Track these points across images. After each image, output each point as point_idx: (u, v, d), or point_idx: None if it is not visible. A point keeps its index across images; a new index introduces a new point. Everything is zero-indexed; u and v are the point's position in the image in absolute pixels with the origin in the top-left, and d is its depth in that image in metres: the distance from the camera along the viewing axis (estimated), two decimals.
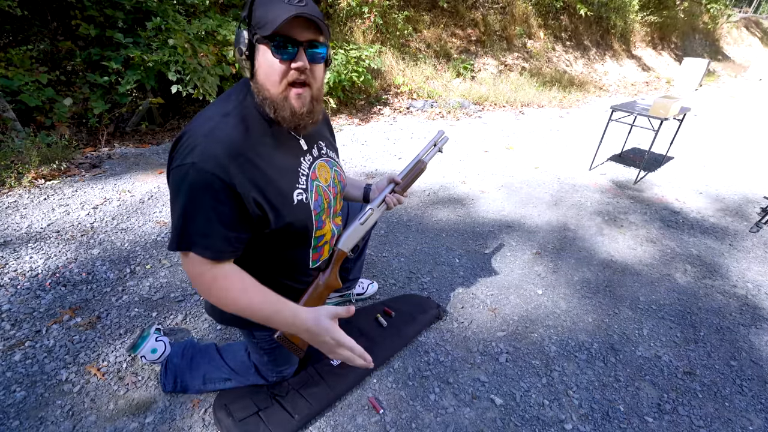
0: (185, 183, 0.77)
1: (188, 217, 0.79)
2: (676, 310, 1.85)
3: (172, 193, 0.81)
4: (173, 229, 0.81)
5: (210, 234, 0.79)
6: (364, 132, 4.01)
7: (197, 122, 0.81)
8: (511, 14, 7.07)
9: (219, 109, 0.83)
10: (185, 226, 0.79)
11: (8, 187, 2.37)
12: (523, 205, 2.74)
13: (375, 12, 5.00)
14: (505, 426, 1.27)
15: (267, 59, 0.78)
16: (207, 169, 0.75)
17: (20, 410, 1.21)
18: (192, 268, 0.82)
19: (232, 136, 0.79)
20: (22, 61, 2.79)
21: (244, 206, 0.81)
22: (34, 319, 1.53)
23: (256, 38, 0.78)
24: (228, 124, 0.80)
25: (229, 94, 0.88)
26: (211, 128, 0.79)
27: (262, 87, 0.82)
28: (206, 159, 0.76)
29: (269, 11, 0.75)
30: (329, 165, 1.04)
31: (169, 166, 0.82)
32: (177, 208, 0.79)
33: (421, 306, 1.69)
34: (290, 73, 0.80)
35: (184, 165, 0.76)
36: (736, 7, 16.00)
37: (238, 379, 1.27)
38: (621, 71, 8.63)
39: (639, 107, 3.12)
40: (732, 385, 1.48)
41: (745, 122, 5.72)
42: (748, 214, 2.83)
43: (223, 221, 0.80)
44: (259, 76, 0.81)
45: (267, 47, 0.77)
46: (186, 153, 0.77)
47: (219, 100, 0.87)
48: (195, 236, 0.79)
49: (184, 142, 0.79)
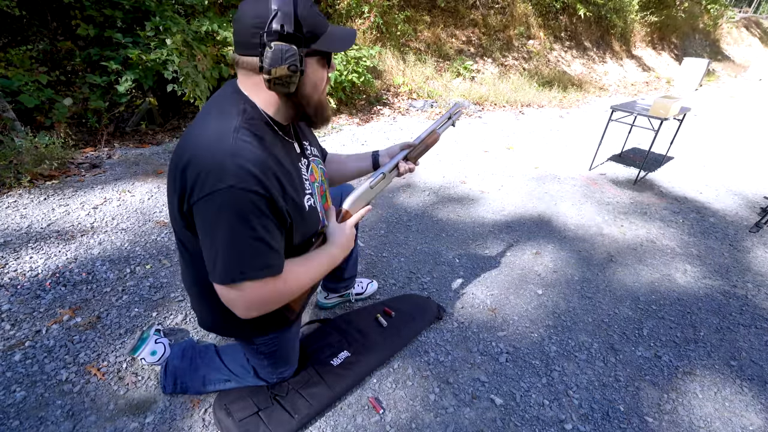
0: (227, 209, 0.72)
1: (239, 245, 0.75)
2: (676, 310, 1.85)
3: (209, 224, 0.75)
4: (223, 262, 0.75)
5: (264, 254, 0.78)
6: (364, 132, 4.01)
7: (207, 143, 0.75)
8: (511, 14, 7.07)
9: (223, 124, 0.77)
10: (236, 254, 0.75)
11: (8, 187, 2.37)
12: (523, 205, 2.74)
13: (375, 12, 5.00)
14: (505, 426, 1.27)
15: (317, 72, 0.81)
16: (247, 188, 0.72)
17: (20, 410, 1.21)
18: (247, 295, 0.79)
19: (256, 151, 0.76)
20: (22, 61, 2.79)
21: (283, 216, 0.81)
22: (34, 319, 1.53)
23: (307, 51, 0.77)
24: (246, 140, 0.76)
25: (224, 104, 0.81)
26: (232, 146, 0.73)
27: (309, 98, 0.83)
28: (243, 179, 0.72)
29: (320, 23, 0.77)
30: (316, 164, 1.04)
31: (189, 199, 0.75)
32: (220, 237, 0.74)
33: (421, 306, 1.69)
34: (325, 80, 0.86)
35: (219, 191, 0.71)
36: (736, 7, 15.99)
37: (238, 381, 1.27)
38: (621, 71, 8.63)
39: (639, 107, 3.12)
40: (732, 385, 1.48)
41: (745, 122, 5.72)
42: (748, 214, 2.84)
43: (273, 236, 0.79)
44: (307, 88, 0.81)
45: (319, 61, 0.80)
46: (216, 178, 0.71)
47: (212, 112, 0.81)
48: (248, 261, 0.76)
49: (204, 168, 0.72)
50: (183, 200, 0.77)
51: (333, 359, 1.38)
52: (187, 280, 1.01)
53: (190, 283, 1.01)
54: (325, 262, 0.95)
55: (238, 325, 1.00)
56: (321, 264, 0.94)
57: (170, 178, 0.80)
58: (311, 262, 0.93)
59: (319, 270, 0.94)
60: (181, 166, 0.75)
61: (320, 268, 0.94)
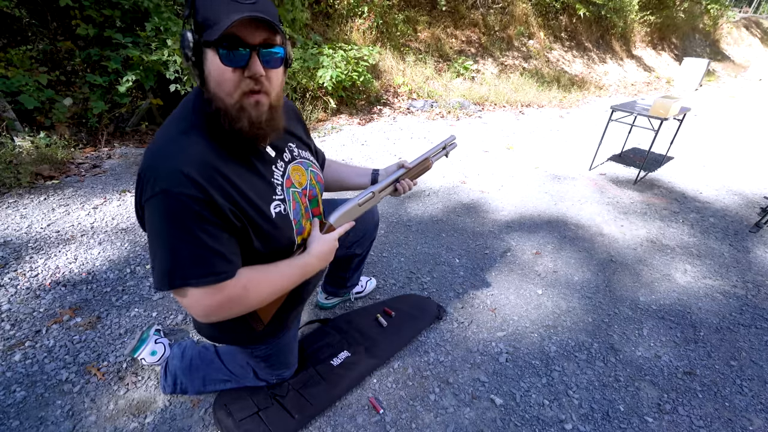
0: (160, 213, 0.69)
1: (175, 250, 0.71)
2: (676, 310, 1.85)
3: (149, 231, 0.72)
4: (160, 268, 0.72)
5: (206, 260, 0.73)
6: (364, 132, 4.01)
7: (155, 147, 0.73)
8: (511, 14, 7.07)
9: (175, 128, 0.75)
10: (174, 260, 0.71)
11: (8, 187, 2.37)
12: (523, 205, 2.74)
13: (374, 12, 5.00)
14: (505, 426, 1.27)
15: (216, 67, 0.69)
16: (182, 192, 0.68)
17: (20, 410, 1.21)
18: (195, 301, 0.75)
19: (197, 152, 0.72)
20: (22, 61, 2.79)
21: (228, 218, 0.75)
22: (34, 319, 1.53)
23: (202, 41, 0.68)
24: (190, 141, 0.72)
25: (183, 107, 0.79)
26: (173, 150, 0.71)
27: (215, 96, 0.72)
28: (177, 182, 0.68)
29: (214, 11, 0.66)
30: (304, 167, 0.97)
31: (138, 203, 0.74)
32: (159, 243, 0.72)
33: (421, 306, 1.69)
34: (244, 82, 0.71)
35: (154, 196, 0.68)
36: (736, 7, 15.99)
37: (238, 381, 1.26)
38: (621, 71, 8.63)
39: (639, 107, 3.12)
40: (732, 385, 1.48)
41: (745, 122, 5.72)
42: (748, 214, 2.83)
43: (219, 241, 0.74)
44: (210, 84, 0.71)
45: (214, 53, 0.68)
46: (153, 182, 0.69)
47: (172, 117, 0.79)
48: (189, 268, 0.72)
49: (144, 171, 0.71)
50: (137, 205, 0.76)
51: (333, 359, 1.38)
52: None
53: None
54: (298, 272, 0.89)
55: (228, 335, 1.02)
56: (291, 274, 0.89)
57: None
58: (278, 271, 0.87)
59: (289, 279, 0.88)
60: (138, 173, 0.74)
61: (290, 278, 0.89)
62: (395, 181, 1.15)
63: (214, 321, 0.81)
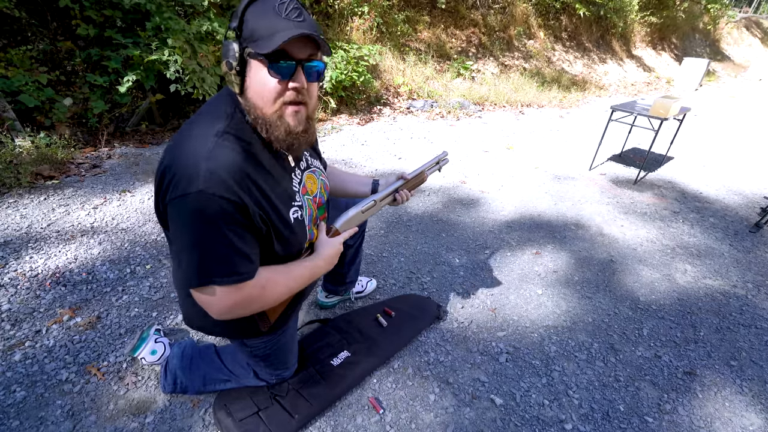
0: (193, 213, 0.72)
1: (204, 249, 0.74)
2: (676, 310, 1.85)
3: (178, 227, 0.75)
4: (189, 264, 0.75)
5: (231, 260, 0.76)
6: (364, 132, 4.01)
7: (189, 146, 0.75)
8: (511, 14, 7.07)
9: (209, 128, 0.77)
10: (203, 258, 0.74)
11: (8, 187, 2.37)
12: (523, 205, 2.74)
13: (374, 12, 5.00)
14: (505, 426, 1.27)
15: (261, 77, 0.74)
16: (217, 193, 0.71)
17: (20, 410, 1.21)
18: (216, 299, 0.78)
19: (233, 157, 0.75)
20: (22, 61, 2.79)
21: (255, 222, 0.79)
22: (34, 319, 1.53)
23: (248, 53, 0.73)
24: (226, 146, 0.75)
25: (215, 107, 0.81)
26: (209, 151, 0.73)
27: (254, 105, 0.76)
28: (213, 184, 0.71)
29: (265, 25, 0.71)
30: (316, 175, 1.03)
31: (163, 199, 0.75)
32: (186, 241, 0.75)
33: (421, 306, 1.69)
34: (287, 93, 0.75)
35: (188, 194, 0.70)
36: (736, 7, 15.98)
37: (238, 381, 1.26)
38: (621, 71, 8.63)
39: (639, 107, 3.12)
40: (732, 385, 1.48)
41: (745, 122, 5.73)
42: (748, 214, 2.83)
43: (245, 243, 0.77)
44: (250, 93, 0.76)
45: (261, 64, 0.73)
46: (187, 181, 0.71)
47: (204, 116, 0.81)
48: (215, 267, 0.75)
49: (179, 169, 0.72)
50: (159, 199, 0.78)
51: (333, 359, 1.38)
52: (177, 279, 1.00)
53: (179, 283, 0.99)
54: (307, 273, 0.94)
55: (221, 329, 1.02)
56: (302, 275, 0.93)
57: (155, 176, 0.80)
58: (292, 272, 0.91)
59: (300, 280, 0.93)
60: (162, 166, 0.76)
61: (301, 278, 0.93)
62: (395, 191, 1.20)
63: (228, 319, 0.83)
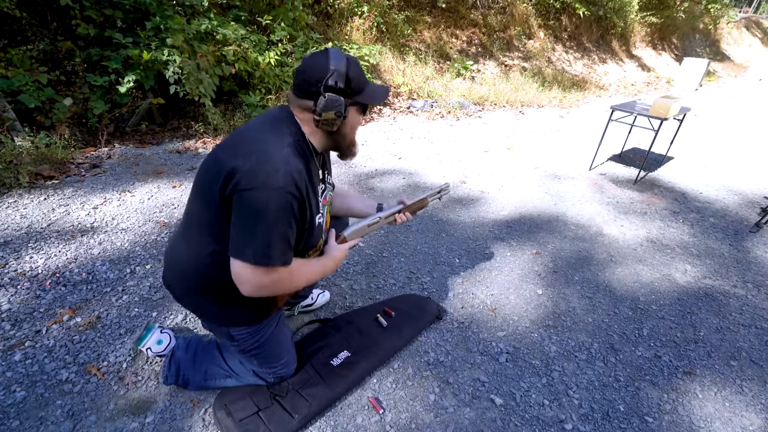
0: (275, 205, 0.88)
1: (277, 236, 0.90)
2: (676, 310, 1.85)
3: (253, 211, 0.88)
4: (261, 244, 0.89)
5: (286, 248, 0.94)
6: (364, 132, 4.01)
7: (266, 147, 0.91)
8: (511, 14, 7.07)
9: (281, 138, 0.94)
10: (272, 244, 0.90)
11: (8, 187, 2.37)
12: (523, 205, 2.74)
13: (374, 12, 5.00)
14: (505, 426, 1.27)
15: (356, 118, 1.04)
16: (293, 192, 0.90)
17: (20, 410, 1.21)
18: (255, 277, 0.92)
19: (299, 165, 0.93)
20: (22, 61, 2.79)
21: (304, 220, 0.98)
22: (34, 319, 1.53)
23: (350, 102, 0.97)
24: (293, 156, 0.93)
25: (279, 123, 0.98)
26: (286, 156, 0.91)
27: (347, 136, 1.05)
28: (290, 184, 0.89)
29: (367, 85, 1.01)
30: (329, 192, 1.21)
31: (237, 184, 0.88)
32: (262, 226, 0.89)
33: (421, 306, 1.69)
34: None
35: (272, 189, 0.87)
36: (736, 7, 15.98)
37: (238, 378, 1.27)
38: (621, 71, 8.63)
39: (639, 107, 3.12)
40: (732, 385, 1.48)
41: (745, 122, 5.73)
42: (748, 214, 2.83)
43: (294, 235, 0.95)
44: (346, 129, 1.03)
45: (358, 110, 1.02)
46: (271, 178, 0.87)
47: (268, 127, 0.97)
48: (272, 250, 0.90)
49: (264, 166, 0.88)
50: (227, 184, 0.89)
51: (333, 359, 1.39)
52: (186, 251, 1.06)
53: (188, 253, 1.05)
54: (320, 270, 1.12)
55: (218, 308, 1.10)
56: (316, 271, 1.11)
57: (216, 163, 0.93)
58: (311, 265, 1.09)
59: (314, 275, 1.11)
60: (240, 156, 0.89)
61: (315, 274, 1.11)
62: (396, 213, 1.36)
63: (257, 296, 0.97)
